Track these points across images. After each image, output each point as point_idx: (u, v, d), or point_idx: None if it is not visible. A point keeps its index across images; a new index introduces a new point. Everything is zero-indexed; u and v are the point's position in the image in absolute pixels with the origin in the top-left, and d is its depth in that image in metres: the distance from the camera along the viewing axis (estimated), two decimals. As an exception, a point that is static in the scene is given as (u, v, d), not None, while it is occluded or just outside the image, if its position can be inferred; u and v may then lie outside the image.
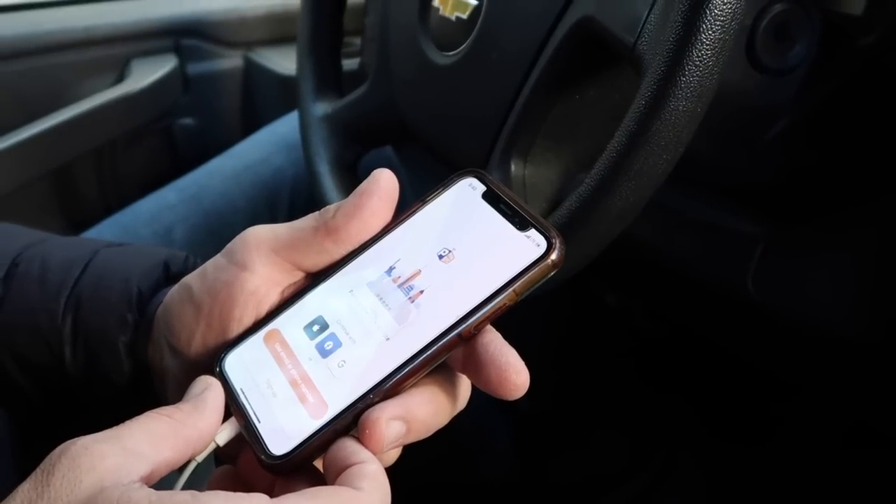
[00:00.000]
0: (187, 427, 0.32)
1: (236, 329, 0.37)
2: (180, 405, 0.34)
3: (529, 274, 0.33)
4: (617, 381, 1.09)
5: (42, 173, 1.03)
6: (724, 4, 0.38)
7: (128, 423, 0.32)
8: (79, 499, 0.28)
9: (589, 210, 0.44)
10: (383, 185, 0.36)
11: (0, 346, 0.48)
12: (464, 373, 0.35)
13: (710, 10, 0.38)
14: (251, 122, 1.17)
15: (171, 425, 0.32)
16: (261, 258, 0.37)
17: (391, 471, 0.37)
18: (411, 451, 0.36)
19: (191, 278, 0.40)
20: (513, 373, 0.32)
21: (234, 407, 0.35)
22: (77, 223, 1.08)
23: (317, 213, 0.37)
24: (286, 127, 0.96)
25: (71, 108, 1.03)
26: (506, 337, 0.34)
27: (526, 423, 1.08)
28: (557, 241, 0.33)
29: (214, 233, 0.85)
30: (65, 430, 0.51)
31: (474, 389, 0.36)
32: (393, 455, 0.37)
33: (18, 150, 0.97)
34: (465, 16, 0.57)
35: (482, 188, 0.37)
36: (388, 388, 0.33)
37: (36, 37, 1.03)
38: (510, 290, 0.33)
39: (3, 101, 1.01)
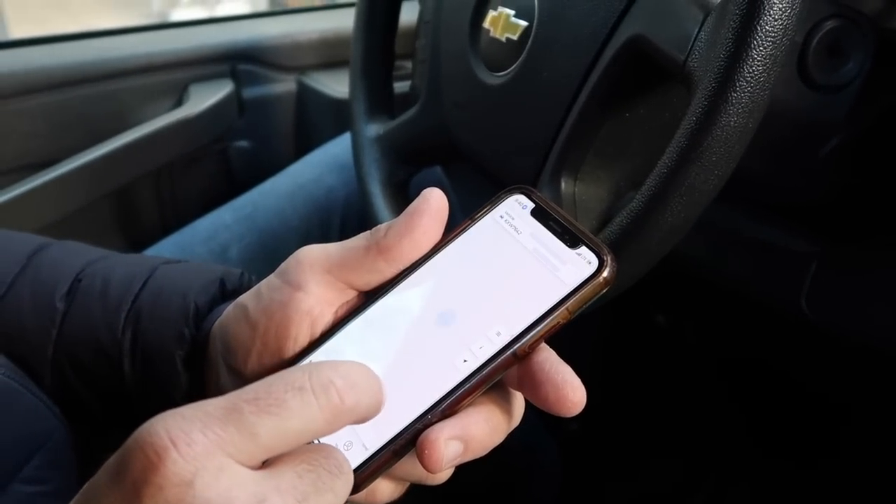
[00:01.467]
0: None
1: (292, 348, 0.37)
2: None
3: (582, 292, 0.33)
4: (667, 401, 1.08)
5: (105, 194, 1.06)
6: (776, 21, 0.38)
7: None
8: None
9: (640, 226, 0.44)
10: (433, 204, 0.37)
11: (62, 358, 0.50)
12: (520, 390, 0.35)
13: (760, 26, 0.38)
14: (304, 144, 1.19)
15: None
16: (314, 278, 0.37)
17: (441, 489, 0.37)
18: (460, 469, 0.36)
19: (246, 298, 0.40)
20: (570, 390, 0.32)
21: None
22: (136, 242, 1.11)
23: (368, 232, 0.38)
24: (338, 148, 0.98)
25: (132, 131, 1.06)
26: None
27: (574, 444, 1.07)
28: (609, 259, 0.34)
29: (269, 251, 0.87)
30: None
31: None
32: (446, 473, 0.37)
33: (83, 171, 1.01)
34: (515, 37, 0.58)
35: (531, 205, 0.37)
36: (445, 408, 0.33)
37: (101, 63, 1.07)
38: (563, 308, 0.33)
39: (69, 124, 1.05)
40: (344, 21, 1.23)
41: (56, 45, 1.11)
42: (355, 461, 0.33)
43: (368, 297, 0.37)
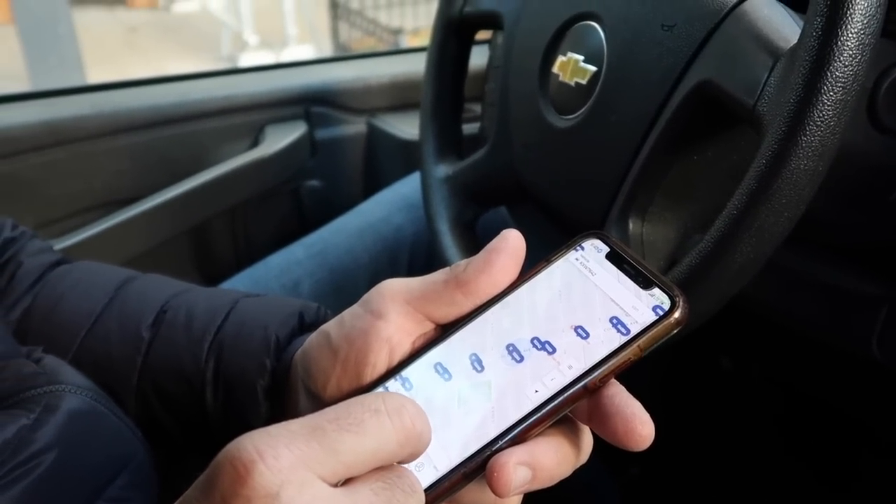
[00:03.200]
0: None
1: (370, 375, 0.39)
2: None
3: (654, 330, 0.34)
4: (730, 447, 1.06)
5: (183, 230, 1.10)
6: (846, 67, 0.39)
7: None
8: None
9: (709, 266, 0.44)
10: (512, 243, 0.38)
11: (146, 386, 0.52)
12: (589, 424, 0.35)
13: (831, 72, 0.39)
14: (373, 184, 1.22)
15: None
16: (395, 308, 0.39)
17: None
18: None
19: (329, 325, 0.42)
20: (638, 423, 0.33)
21: None
22: (211, 276, 1.14)
23: (448, 267, 0.39)
24: (407, 188, 1.00)
25: (210, 170, 1.10)
26: None
27: (635, 487, 1.06)
28: (681, 300, 0.35)
29: (339, 287, 0.89)
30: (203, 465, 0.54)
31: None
32: (514, 501, 0.38)
33: (164, 208, 1.05)
34: (584, 81, 0.60)
35: (606, 249, 0.38)
36: (515, 435, 0.34)
37: (182, 105, 1.12)
38: (635, 345, 0.34)
39: (152, 163, 1.10)
40: (413, 65, 1.26)
41: (141, 88, 1.17)
42: (426, 481, 0.34)
43: (445, 330, 0.39)
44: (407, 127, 1.20)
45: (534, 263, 0.39)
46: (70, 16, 4.68)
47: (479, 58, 0.93)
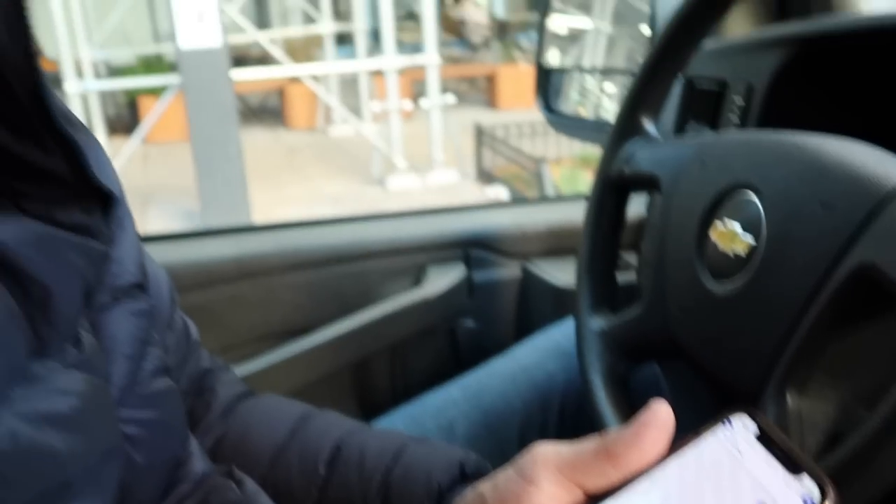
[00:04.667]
0: None
1: None
2: None
3: None
4: None
5: (347, 364, 1.17)
6: None
7: None
8: None
9: (873, 449, 0.44)
10: (661, 417, 0.39)
11: None
12: None
13: None
14: (526, 327, 1.25)
15: None
16: (546, 474, 0.40)
17: None
18: None
19: (484, 486, 0.44)
20: None
21: None
22: (368, 411, 1.19)
23: (598, 437, 0.41)
24: (560, 334, 1.02)
25: (375, 308, 1.18)
26: None
27: None
28: (831, 491, 0.34)
29: (493, 430, 0.91)
30: None
31: None
32: None
33: (332, 343, 1.13)
34: (742, 252, 0.61)
35: (755, 428, 0.38)
36: None
37: (352, 245, 1.21)
38: None
39: (324, 298, 1.19)
40: (566, 214, 1.31)
41: (318, 227, 1.28)
42: None
43: (595, 501, 0.40)
44: (560, 273, 1.23)
45: (683, 422, 0.40)
46: (238, 138, 5.14)
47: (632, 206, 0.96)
